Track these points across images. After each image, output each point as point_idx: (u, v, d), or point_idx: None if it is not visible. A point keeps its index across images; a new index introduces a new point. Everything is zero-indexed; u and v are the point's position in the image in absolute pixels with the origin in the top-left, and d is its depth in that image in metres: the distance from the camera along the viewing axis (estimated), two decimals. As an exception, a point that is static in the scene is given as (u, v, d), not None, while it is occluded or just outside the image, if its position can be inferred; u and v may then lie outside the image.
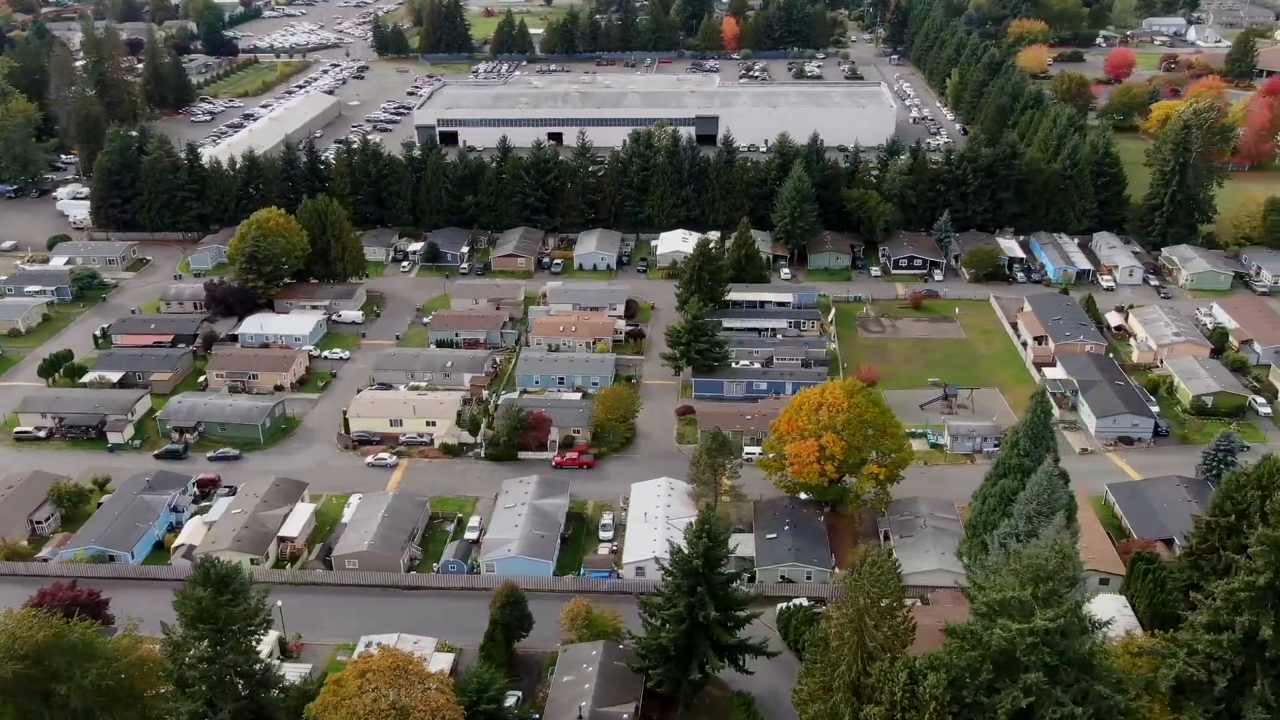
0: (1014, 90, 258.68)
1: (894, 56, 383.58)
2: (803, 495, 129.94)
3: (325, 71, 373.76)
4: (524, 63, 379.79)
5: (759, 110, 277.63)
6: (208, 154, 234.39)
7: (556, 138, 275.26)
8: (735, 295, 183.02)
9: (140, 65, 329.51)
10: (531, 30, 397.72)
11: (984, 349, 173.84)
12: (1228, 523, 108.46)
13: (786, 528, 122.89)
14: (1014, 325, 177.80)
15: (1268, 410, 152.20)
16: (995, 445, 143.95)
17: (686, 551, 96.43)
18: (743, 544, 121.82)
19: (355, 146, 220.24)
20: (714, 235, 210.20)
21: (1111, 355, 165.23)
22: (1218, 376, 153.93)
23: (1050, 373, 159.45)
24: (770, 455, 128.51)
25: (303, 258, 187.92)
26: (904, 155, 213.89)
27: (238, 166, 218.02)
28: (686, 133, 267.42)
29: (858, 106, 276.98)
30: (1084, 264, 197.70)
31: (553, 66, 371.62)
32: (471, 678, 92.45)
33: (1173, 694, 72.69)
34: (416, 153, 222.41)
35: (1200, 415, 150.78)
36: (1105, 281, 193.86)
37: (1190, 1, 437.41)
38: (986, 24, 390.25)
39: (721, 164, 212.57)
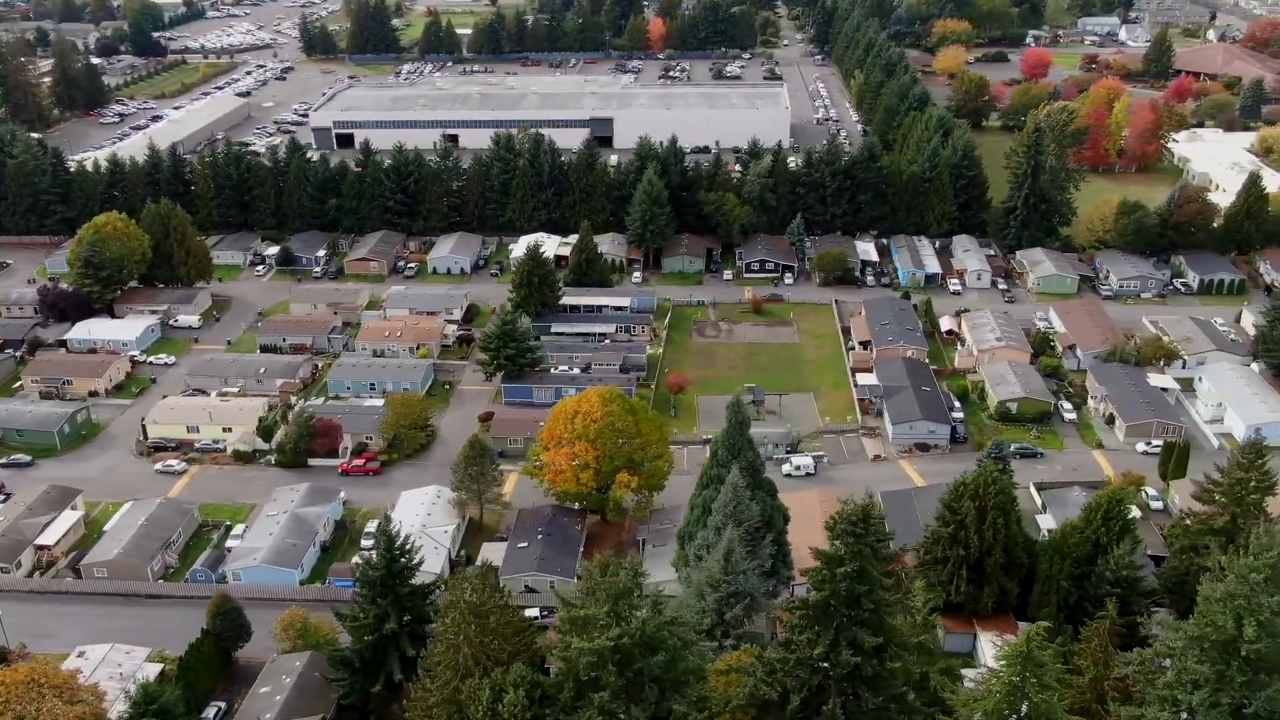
0: (901, 91, 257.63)
1: (819, 57, 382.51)
2: (577, 504, 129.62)
3: (249, 73, 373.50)
4: (450, 63, 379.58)
5: (654, 112, 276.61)
6: (101, 156, 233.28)
7: (453, 139, 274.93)
8: (571, 299, 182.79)
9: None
10: (460, 30, 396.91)
11: (813, 354, 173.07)
12: (948, 533, 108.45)
13: (540, 536, 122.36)
14: (846, 330, 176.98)
15: (1073, 416, 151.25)
16: (788, 451, 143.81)
17: (375, 562, 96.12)
18: (495, 552, 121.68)
19: (219, 150, 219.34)
20: (575, 238, 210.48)
21: (926, 360, 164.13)
22: (1026, 382, 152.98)
23: (862, 378, 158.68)
24: (534, 463, 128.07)
25: (143, 263, 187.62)
26: (765, 158, 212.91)
27: (101, 169, 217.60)
28: (581, 134, 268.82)
29: (753, 108, 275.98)
30: (935, 268, 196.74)
31: (476, 68, 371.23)
32: (141, 689, 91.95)
33: (757, 712, 71.98)
34: (315, 155, 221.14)
35: (1004, 421, 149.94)
36: (953, 285, 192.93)
37: (1125, 1, 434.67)
38: (915, 24, 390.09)
39: (582, 167, 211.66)
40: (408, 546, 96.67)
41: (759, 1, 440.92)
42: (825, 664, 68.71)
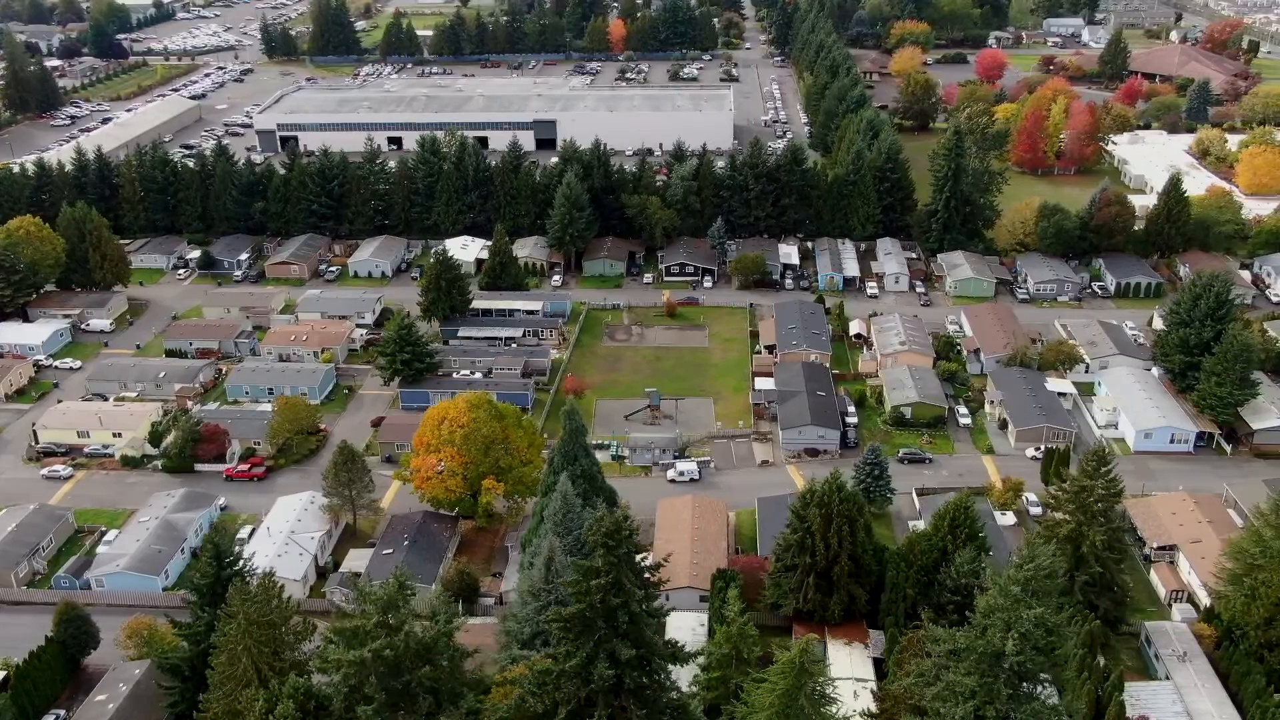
0: (840, 93, 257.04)
1: (778, 58, 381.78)
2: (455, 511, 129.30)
3: (208, 75, 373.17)
4: (410, 65, 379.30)
5: (597, 114, 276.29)
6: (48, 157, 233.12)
7: (397, 142, 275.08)
8: (483, 303, 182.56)
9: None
10: (422, 33, 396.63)
11: (720, 358, 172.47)
12: (796, 541, 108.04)
13: (406, 542, 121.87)
14: (756, 334, 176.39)
15: (968, 421, 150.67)
16: (676, 457, 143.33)
17: (204, 570, 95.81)
18: (361, 559, 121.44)
19: (145, 154, 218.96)
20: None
21: (828, 365, 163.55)
22: (922, 387, 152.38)
23: (760, 383, 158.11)
24: (407, 469, 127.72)
25: (57, 267, 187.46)
26: (690, 160, 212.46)
27: (29, 173, 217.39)
28: (525, 136, 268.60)
29: (696, 111, 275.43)
30: (854, 271, 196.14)
31: (435, 69, 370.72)
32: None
33: (531, 723, 71.56)
34: (259, 157, 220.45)
35: (898, 426, 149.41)
36: (870, 289, 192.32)
37: (1090, 2, 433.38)
38: (876, 25, 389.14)
39: (507, 170, 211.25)
40: (228, 557, 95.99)
41: (723, 3, 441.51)
42: (591, 676, 68.15)
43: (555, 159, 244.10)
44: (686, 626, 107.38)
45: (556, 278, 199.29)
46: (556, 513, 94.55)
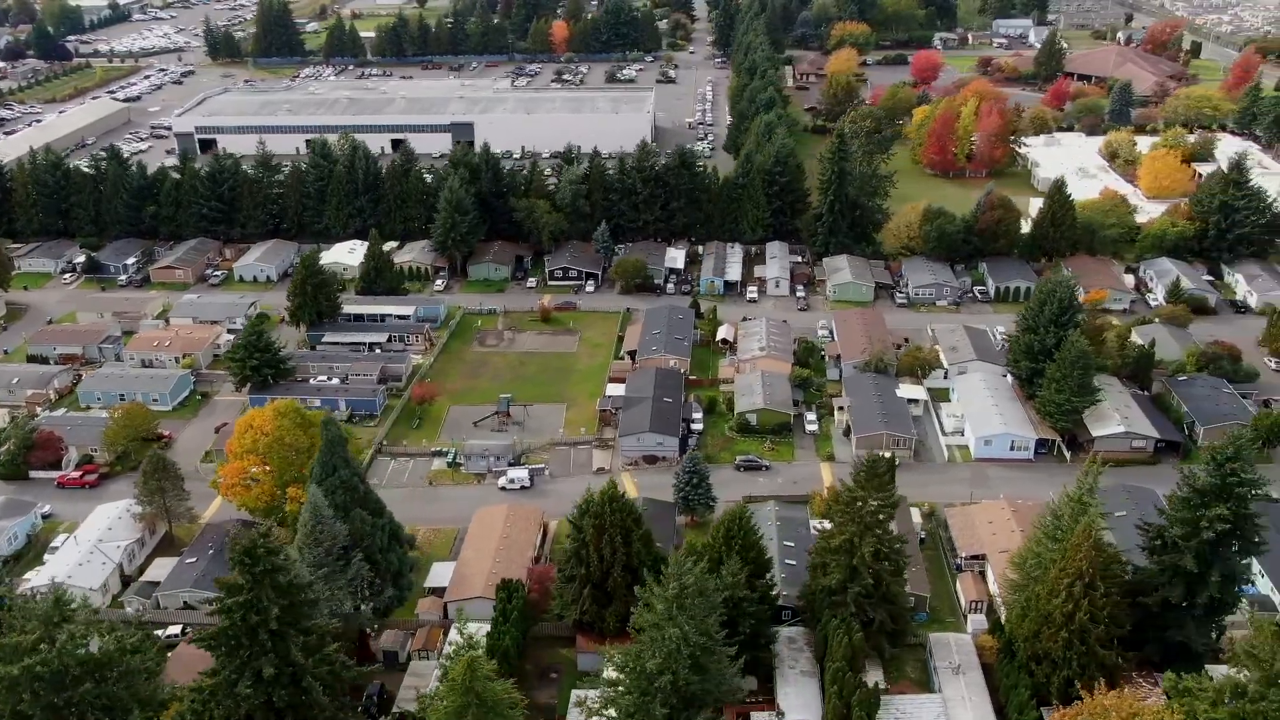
0: (750, 94, 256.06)
1: (720, 59, 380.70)
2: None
3: (148, 77, 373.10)
4: (350, 66, 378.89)
5: (515, 117, 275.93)
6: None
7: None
8: (355, 308, 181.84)
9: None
10: (365, 34, 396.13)
11: (586, 363, 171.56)
12: (572, 549, 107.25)
13: (210, 551, 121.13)
14: (621, 339, 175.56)
15: (815, 428, 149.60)
16: (511, 464, 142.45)
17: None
18: (166, 568, 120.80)
19: (38, 157, 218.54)
20: (391, 245, 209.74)
21: (685, 370, 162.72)
22: (771, 393, 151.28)
23: (611, 389, 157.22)
24: (218, 478, 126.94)
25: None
26: (581, 164, 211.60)
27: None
28: (442, 139, 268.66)
29: (614, 113, 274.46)
30: (737, 275, 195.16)
31: (375, 71, 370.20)
32: None
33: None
34: (176, 160, 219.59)
35: (743, 432, 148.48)
36: (750, 293, 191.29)
37: (1040, 3, 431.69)
38: (820, 26, 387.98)
39: (397, 174, 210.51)
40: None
41: (674, 4, 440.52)
42: (248, 691, 67.38)
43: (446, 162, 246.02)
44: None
45: (439, 282, 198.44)
46: (305, 524, 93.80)
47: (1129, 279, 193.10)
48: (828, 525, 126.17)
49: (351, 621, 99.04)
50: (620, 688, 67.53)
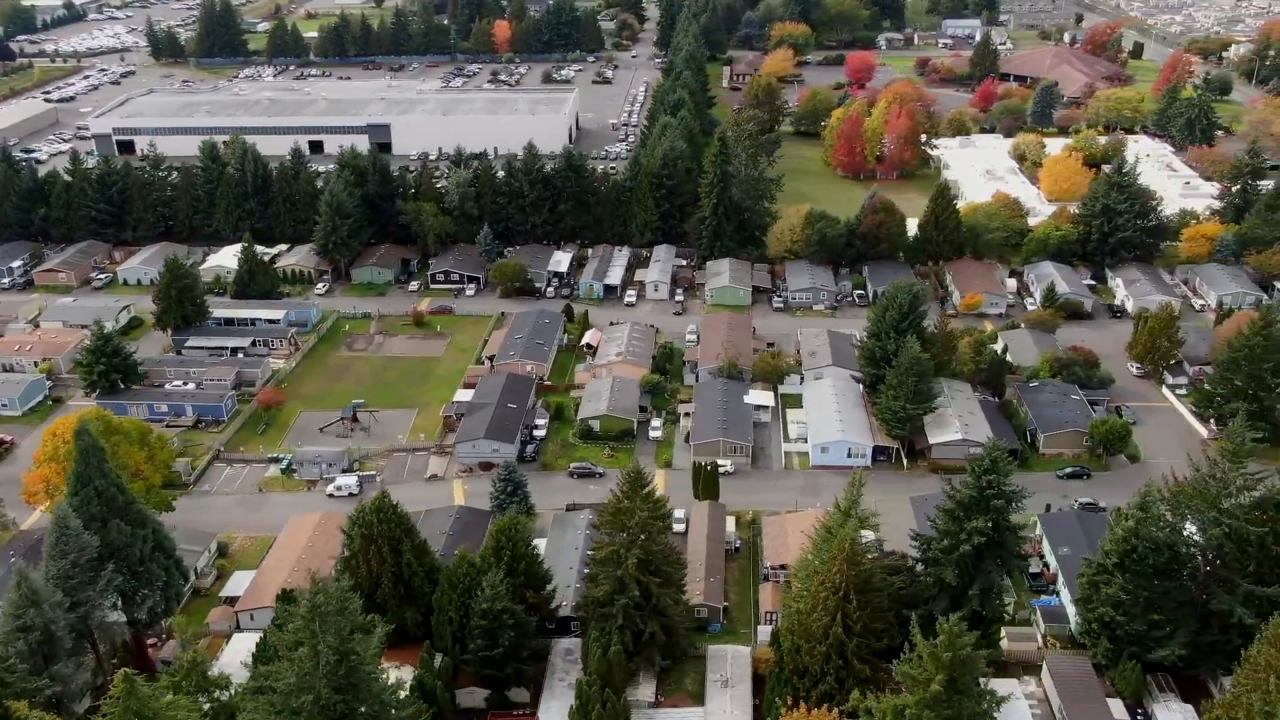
0: (660, 95, 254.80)
1: (660, 60, 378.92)
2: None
3: (87, 77, 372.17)
4: (292, 66, 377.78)
5: (433, 118, 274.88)
6: None
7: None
8: (223, 312, 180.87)
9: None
10: (308, 34, 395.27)
11: (448, 368, 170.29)
12: (344, 560, 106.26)
13: (13, 560, 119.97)
14: (486, 343, 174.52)
15: (658, 434, 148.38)
16: (344, 471, 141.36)
17: None
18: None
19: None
20: (281, 248, 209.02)
21: (543, 375, 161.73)
22: (617, 399, 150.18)
23: (460, 394, 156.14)
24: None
25: None
26: (470, 167, 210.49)
27: None
28: (359, 141, 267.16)
29: (531, 114, 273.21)
30: (617, 279, 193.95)
31: (314, 72, 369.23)
32: None
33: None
34: (94, 162, 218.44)
35: (585, 439, 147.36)
36: (628, 297, 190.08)
37: (988, 3, 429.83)
38: (763, 27, 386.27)
39: (287, 177, 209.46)
40: None
41: (624, 4, 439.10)
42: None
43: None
44: (244, 649, 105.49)
45: (321, 285, 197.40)
46: (51, 536, 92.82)
47: (1012, 283, 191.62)
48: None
49: (109, 632, 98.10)
50: (265, 707, 66.50)
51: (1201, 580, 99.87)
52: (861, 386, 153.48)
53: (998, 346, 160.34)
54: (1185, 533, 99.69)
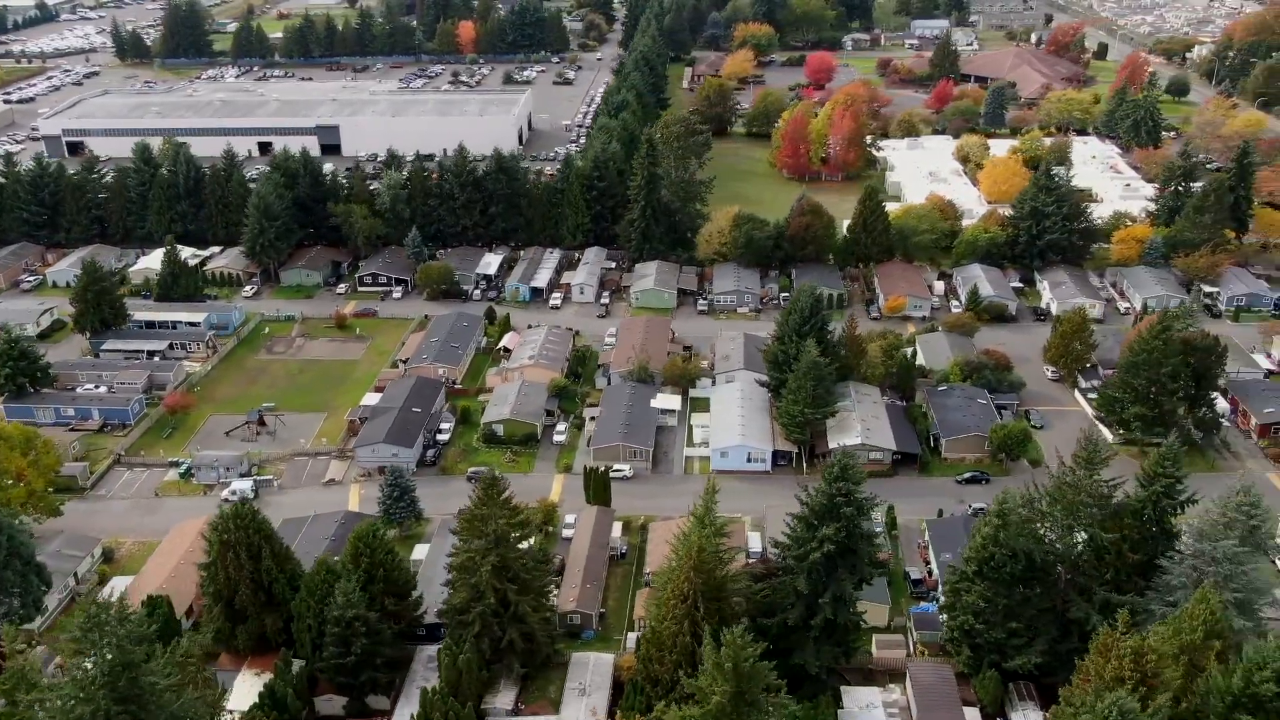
0: (607, 97, 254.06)
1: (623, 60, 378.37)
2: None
3: (50, 78, 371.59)
4: (255, 67, 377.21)
5: (382, 120, 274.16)
6: None
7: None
8: (144, 314, 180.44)
9: None
10: (273, 35, 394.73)
11: (364, 371, 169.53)
12: (206, 567, 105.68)
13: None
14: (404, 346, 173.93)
15: (562, 439, 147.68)
16: (242, 475, 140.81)
17: None
18: None
19: None
20: (214, 250, 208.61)
21: (454, 379, 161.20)
22: (523, 403, 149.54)
23: (368, 398, 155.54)
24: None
25: None
26: (402, 169, 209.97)
27: None
28: (309, 142, 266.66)
29: (480, 115, 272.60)
30: (544, 281, 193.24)
31: (277, 73, 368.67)
32: None
33: None
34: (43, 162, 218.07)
35: (489, 443, 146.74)
36: (553, 300, 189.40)
37: (956, 3, 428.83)
38: (730, 27, 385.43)
39: (219, 179, 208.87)
40: None
41: (593, 5, 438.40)
42: None
43: (328, 165, 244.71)
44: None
45: (249, 288, 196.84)
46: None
47: (940, 285, 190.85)
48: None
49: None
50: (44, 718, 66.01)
51: (1062, 588, 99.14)
52: (767, 390, 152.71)
53: (913, 350, 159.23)
54: (1050, 540, 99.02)
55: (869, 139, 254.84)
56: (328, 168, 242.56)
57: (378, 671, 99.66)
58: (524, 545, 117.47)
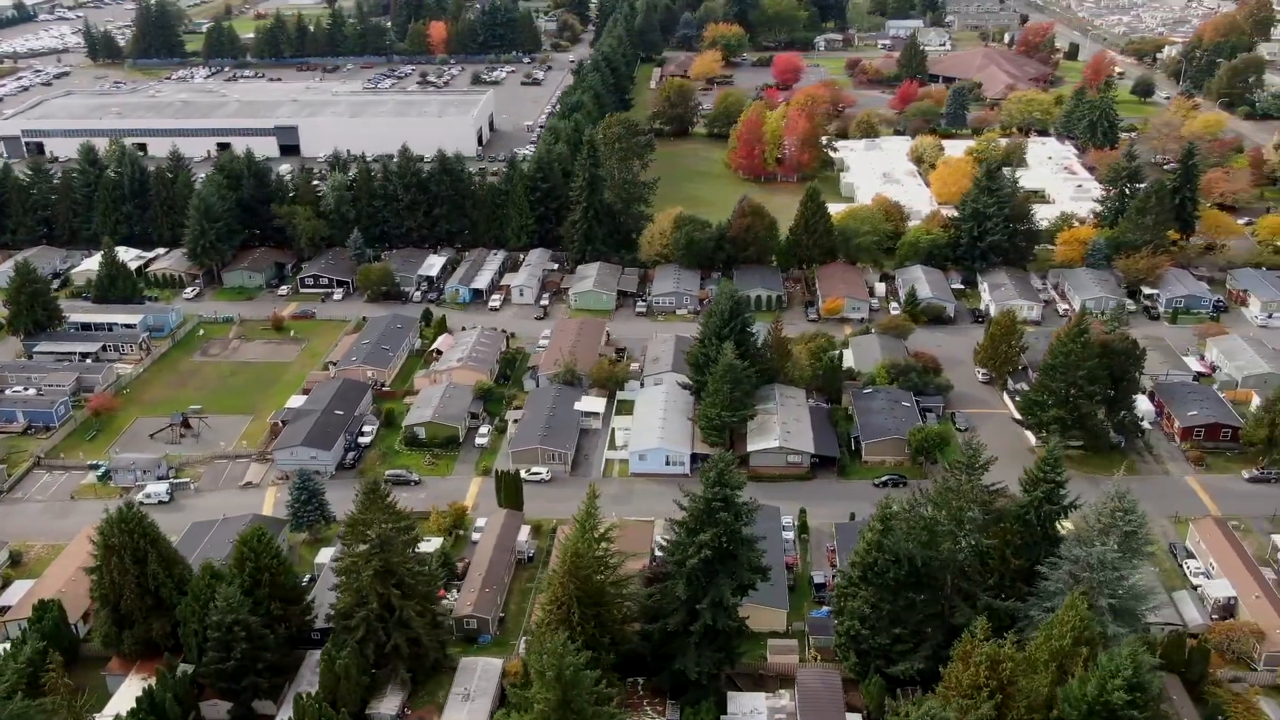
0: (562, 98, 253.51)
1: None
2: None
3: (20, 78, 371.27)
4: (226, 67, 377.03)
5: (341, 120, 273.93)
6: None
7: (142, 148, 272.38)
8: (80, 316, 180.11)
9: None
10: (245, 35, 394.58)
11: (296, 373, 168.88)
12: (96, 569, 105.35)
13: None
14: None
15: (484, 441, 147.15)
16: (161, 478, 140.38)
17: None
18: None
19: None
20: (160, 251, 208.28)
21: (383, 382, 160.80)
22: (445, 406, 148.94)
23: (294, 400, 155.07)
24: None
25: None
26: (349, 170, 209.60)
27: None
28: (267, 143, 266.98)
29: (438, 116, 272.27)
30: (484, 283, 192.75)
31: (247, 73, 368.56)
32: None
33: None
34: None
35: (411, 445, 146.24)
36: (493, 302, 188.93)
37: (931, 4, 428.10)
38: (702, 27, 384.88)
39: (164, 180, 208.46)
40: None
41: (568, 5, 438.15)
42: None
43: (285, 166, 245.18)
44: None
45: (190, 290, 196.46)
46: None
47: (882, 287, 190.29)
48: (437, 542, 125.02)
49: None
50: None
51: (948, 594, 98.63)
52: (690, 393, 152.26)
53: (840, 353, 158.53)
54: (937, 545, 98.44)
55: (825, 140, 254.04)
56: (284, 168, 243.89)
57: (260, 676, 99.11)
58: (430, 548, 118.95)
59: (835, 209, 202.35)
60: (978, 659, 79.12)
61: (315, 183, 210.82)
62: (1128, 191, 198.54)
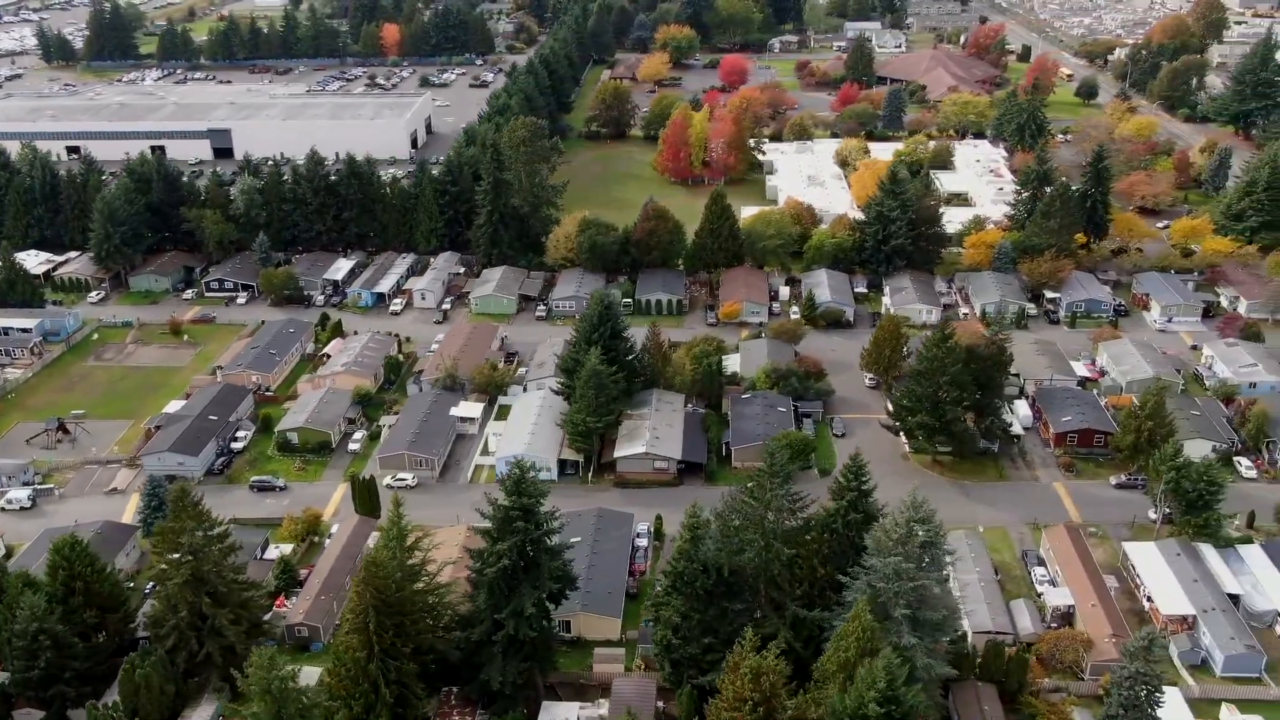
0: (490, 100, 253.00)
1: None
2: None
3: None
4: (178, 70, 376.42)
5: (275, 123, 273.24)
6: None
7: (75, 150, 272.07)
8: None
9: None
10: (201, 38, 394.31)
11: (185, 378, 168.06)
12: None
13: None
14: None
15: (357, 447, 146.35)
16: (26, 483, 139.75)
17: None
18: None
19: None
20: (71, 255, 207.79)
21: (268, 387, 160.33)
22: (320, 411, 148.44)
23: (172, 405, 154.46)
24: None
25: None
26: (258, 174, 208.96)
27: None
28: (201, 146, 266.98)
29: (372, 119, 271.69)
30: (386, 287, 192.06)
31: (198, 75, 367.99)
32: None
33: None
34: None
35: (283, 451, 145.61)
36: (394, 306, 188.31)
37: (887, 5, 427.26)
38: (656, 29, 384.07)
39: (75, 184, 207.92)
40: None
41: (529, 8, 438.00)
42: None
43: (216, 168, 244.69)
44: None
45: (95, 294, 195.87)
46: None
47: (786, 291, 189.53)
48: (287, 548, 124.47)
49: None
50: None
51: (761, 603, 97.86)
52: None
53: (720, 358, 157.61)
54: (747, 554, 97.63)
55: (755, 142, 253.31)
56: (229, 172, 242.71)
57: (69, 686, 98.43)
58: (281, 554, 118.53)
59: (752, 212, 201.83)
60: (743, 671, 78.36)
61: (226, 186, 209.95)
62: (1038, 195, 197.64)
